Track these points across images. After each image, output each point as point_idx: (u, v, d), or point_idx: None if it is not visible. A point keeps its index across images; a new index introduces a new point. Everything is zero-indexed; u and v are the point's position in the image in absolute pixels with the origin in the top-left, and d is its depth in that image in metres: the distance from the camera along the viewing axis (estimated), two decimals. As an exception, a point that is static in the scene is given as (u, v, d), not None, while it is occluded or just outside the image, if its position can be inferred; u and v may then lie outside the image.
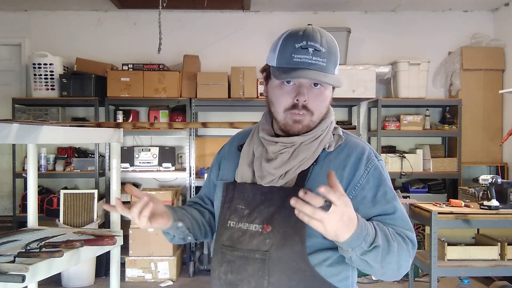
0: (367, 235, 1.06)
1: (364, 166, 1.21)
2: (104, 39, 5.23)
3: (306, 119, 1.20)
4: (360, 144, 1.26)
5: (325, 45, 1.19)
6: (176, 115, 4.91)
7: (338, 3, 5.02)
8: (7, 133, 1.55)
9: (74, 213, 4.29)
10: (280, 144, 1.22)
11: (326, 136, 1.24)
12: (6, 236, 2.05)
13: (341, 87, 1.24)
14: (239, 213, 1.24)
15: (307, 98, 1.18)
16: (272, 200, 1.20)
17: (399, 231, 1.18)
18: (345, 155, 1.22)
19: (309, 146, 1.21)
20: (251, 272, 1.18)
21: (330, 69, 1.19)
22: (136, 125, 4.29)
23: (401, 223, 1.20)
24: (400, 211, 1.22)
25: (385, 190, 1.22)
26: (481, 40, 5.08)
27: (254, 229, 1.20)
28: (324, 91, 1.21)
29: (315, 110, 1.20)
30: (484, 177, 3.28)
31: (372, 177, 1.21)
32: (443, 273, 3.36)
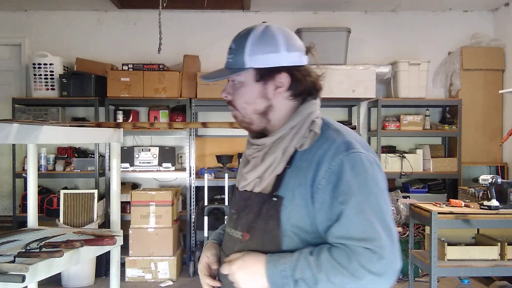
0: (283, 272, 1.05)
1: (328, 163, 1.09)
2: (104, 39, 5.23)
3: (238, 115, 1.21)
4: (332, 136, 1.14)
5: (237, 41, 1.19)
6: (176, 115, 4.91)
7: (338, 3, 5.02)
8: (7, 133, 1.55)
9: (74, 213, 4.29)
10: (254, 147, 1.21)
11: (298, 134, 1.15)
12: (6, 236, 2.05)
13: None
14: (231, 217, 1.26)
15: (227, 94, 1.21)
16: (252, 207, 1.17)
17: (349, 244, 1.03)
18: (314, 153, 1.12)
19: (275, 148, 1.16)
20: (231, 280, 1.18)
21: (236, 62, 1.17)
22: (136, 125, 4.29)
23: (354, 231, 1.04)
24: (348, 217, 1.04)
25: (340, 190, 1.06)
26: (481, 40, 5.08)
27: (236, 235, 1.20)
28: (241, 86, 1.18)
29: (237, 105, 1.20)
30: (484, 177, 3.28)
31: (334, 176, 1.07)
32: (443, 273, 3.36)
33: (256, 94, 1.17)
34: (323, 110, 1.23)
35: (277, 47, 1.15)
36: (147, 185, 5.16)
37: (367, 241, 1.03)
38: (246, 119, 1.20)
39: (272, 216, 1.12)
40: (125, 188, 4.80)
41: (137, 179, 5.17)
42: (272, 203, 1.12)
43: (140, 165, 4.80)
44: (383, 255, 1.02)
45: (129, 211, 4.56)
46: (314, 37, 4.83)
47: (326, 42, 4.83)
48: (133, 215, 4.43)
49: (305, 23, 5.09)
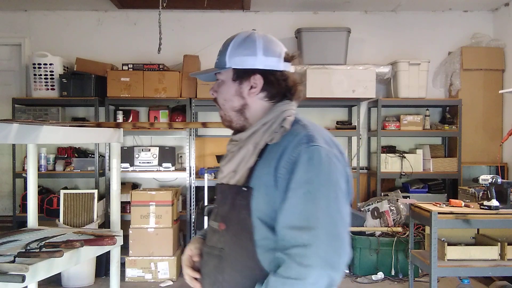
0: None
1: (289, 154, 1.16)
2: (104, 39, 5.23)
3: (221, 114, 1.33)
4: (296, 131, 1.21)
5: (224, 44, 1.32)
6: (176, 115, 4.91)
7: (338, 3, 5.02)
8: (7, 133, 1.55)
9: (74, 213, 4.29)
10: (232, 142, 1.32)
11: (268, 131, 1.23)
12: (6, 236, 2.05)
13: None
14: (214, 211, 1.34)
15: (214, 93, 1.33)
16: (227, 198, 1.25)
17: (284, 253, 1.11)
18: (279, 146, 1.19)
19: (247, 142, 1.25)
20: (211, 267, 1.27)
21: (220, 63, 1.29)
22: (136, 125, 4.28)
23: (295, 219, 1.11)
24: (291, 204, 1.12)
25: (296, 179, 1.13)
26: (481, 40, 5.08)
27: (215, 226, 1.29)
28: (223, 84, 1.31)
29: (219, 100, 1.32)
30: (484, 177, 3.28)
31: (290, 166, 1.15)
32: (443, 273, 3.36)
33: (233, 92, 1.28)
34: (323, 110, 1.27)
35: (255, 51, 1.26)
36: (147, 185, 5.16)
37: (303, 230, 1.09)
38: (226, 117, 1.31)
39: (244, 206, 1.19)
40: (125, 188, 4.80)
41: (137, 179, 5.17)
42: (243, 193, 1.20)
43: (140, 165, 4.80)
44: (318, 246, 1.07)
45: (129, 211, 4.56)
46: (314, 37, 4.83)
47: (326, 42, 4.83)
48: (133, 215, 4.43)
49: (305, 23, 5.09)
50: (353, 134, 4.94)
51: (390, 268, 4.38)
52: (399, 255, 4.38)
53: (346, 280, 4.39)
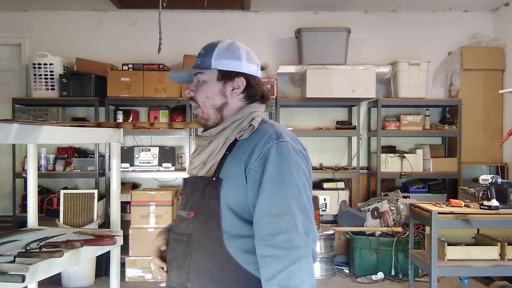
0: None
1: (260, 149, 1.27)
2: (104, 39, 5.23)
3: (199, 112, 1.41)
4: (266, 129, 1.33)
5: (206, 48, 1.41)
6: (176, 115, 4.91)
7: (338, 3, 5.02)
8: (7, 133, 1.55)
9: (74, 213, 4.29)
10: (203, 138, 1.42)
11: (237, 128, 1.35)
12: (6, 236, 2.05)
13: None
14: (181, 202, 1.43)
15: (190, 91, 1.41)
16: (197, 189, 1.35)
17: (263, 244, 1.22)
18: (249, 141, 1.31)
19: (218, 137, 1.36)
20: (179, 252, 1.36)
21: (204, 63, 1.39)
22: (136, 125, 4.28)
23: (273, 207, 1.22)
24: (261, 211, 1.23)
25: (269, 171, 1.24)
26: (481, 40, 5.08)
27: (184, 215, 1.38)
28: (204, 83, 1.39)
29: (198, 100, 1.40)
30: (484, 177, 3.28)
31: (263, 159, 1.26)
32: (443, 273, 3.36)
33: (216, 91, 1.39)
34: (323, 110, 1.30)
35: (240, 57, 1.39)
36: (147, 185, 5.16)
37: (282, 216, 1.21)
38: (204, 114, 1.40)
39: (213, 196, 1.30)
40: (125, 188, 4.80)
41: (137, 179, 5.17)
42: (213, 184, 1.30)
43: (140, 165, 4.80)
44: (297, 228, 1.20)
45: (129, 211, 4.56)
46: (314, 37, 4.83)
47: (326, 42, 4.83)
48: (133, 215, 4.43)
49: (305, 23, 5.09)
50: (353, 134, 4.94)
51: (390, 268, 4.38)
52: (399, 255, 4.38)
53: (346, 280, 4.39)
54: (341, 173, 4.96)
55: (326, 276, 4.47)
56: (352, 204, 5.03)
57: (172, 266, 1.38)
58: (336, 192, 4.89)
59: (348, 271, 4.61)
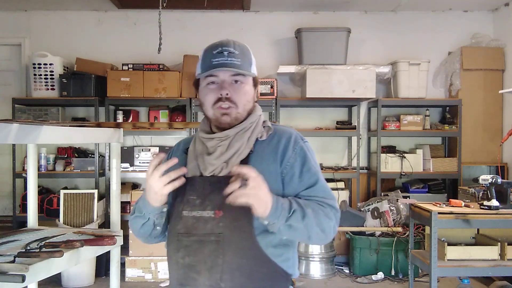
0: (283, 204, 1.29)
1: (292, 147, 1.41)
2: (104, 39, 5.23)
3: (233, 111, 1.40)
4: (287, 130, 1.47)
5: (238, 48, 1.42)
6: (176, 115, 4.91)
7: (338, 3, 5.02)
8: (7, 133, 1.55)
9: (74, 213, 4.29)
10: (216, 139, 1.41)
11: (257, 128, 1.43)
12: (6, 236, 2.05)
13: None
14: (191, 203, 1.38)
15: (230, 91, 1.39)
16: (221, 189, 1.31)
17: (319, 201, 1.37)
18: (276, 141, 1.42)
19: (242, 136, 1.40)
20: (207, 253, 1.33)
21: (245, 67, 1.41)
22: (136, 125, 4.28)
23: (322, 193, 1.39)
24: (320, 183, 1.41)
25: (309, 166, 1.40)
26: (481, 40, 5.08)
27: (207, 215, 1.35)
28: (244, 86, 1.42)
29: (238, 102, 1.40)
30: (484, 177, 3.28)
31: (299, 157, 1.41)
32: (443, 273, 3.36)
33: (252, 96, 1.45)
34: (323, 110, 1.33)
35: (254, 62, 1.48)
36: (147, 185, 5.15)
37: (330, 199, 1.40)
38: (239, 115, 1.41)
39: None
40: (125, 188, 4.80)
41: (137, 179, 5.16)
42: (243, 181, 1.29)
43: (140, 165, 4.80)
44: (338, 210, 1.41)
45: (129, 211, 4.55)
46: (314, 37, 4.83)
47: (326, 42, 4.83)
48: (133, 215, 4.42)
49: (305, 23, 5.09)
50: (353, 134, 4.94)
51: (390, 268, 4.38)
52: (399, 255, 4.38)
53: (346, 280, 4.39)
54: (341, 173, 4.96)
55: (326, 276, 4.47)
56: (352, 204, 5.03)
57: (200, 269, 1.34)
58: (336, 192, 4.89)
59: (348, 271, 4.61)
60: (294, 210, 1.30)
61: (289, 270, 1.40)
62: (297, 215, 1.30)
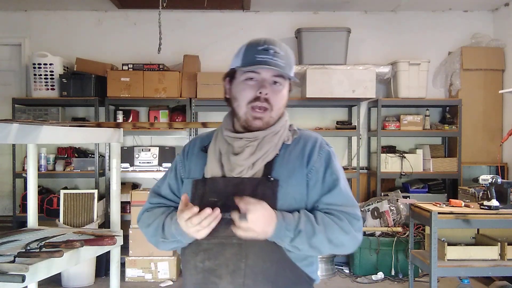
0: (288, 225, 1.25)
1: (318, 152, 1.39)
2: (104, 39, 5.23)
3: (266, 116, 1.36)
4: (312, 135, 1.45)
5: (284, 50, 1.38)
6: (176, 115, 4.91)
7: (338, 3, 5.02)
8: (7, 133, 1.55)
9: (74, 213, 4.29)
10: (245, 139, 1.36)
11: (285, 132, 1.41)
12: (6, 236, 2.06)
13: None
14: (213, 205, 1.30)
15: (269, 92, 1.34)
16: (244, 190, 1.30)
17: (338, 209, 1.33)
18: (302, 145, 1.40)
19: (271, 139, 1.37)
20: (228, 256, 1.29)
21: (288, 70, 1.36)
22: (136, 125, 4.28)
23: (341, 199, 1.35)
24: (340, 188, 1.36)
25: (332, 171, 1.38)
26: (481, 40, 5.08)
27: (229, 217, 1.26)
28: (283, 90, 1.38)
29: (275, 105, 1.36)
30: (484, 177, 3.28)
31: (324, 161, 1.38)
32: (443, 273, 3.37)
33: (286, 101, 1.41)
34: (323, 110, 1.33)
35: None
36: (147, 185, 5.16)
37: (350, 206, 1.35)
38: (271, 119, 1.37)
39: (268, 196, 1.30)
40: (125, 188, 4.79)
41: (137, 179, 5.16)
42: (268, 184, 1.32)
43: (140, 165, 4.80)
44: (359, 217, 1.36)
45: (129, 211, 4.56)
46: (314, 37, 4.84)
47: (326, 42, 4.83)
48: (133, 215, 4.43)
49: (305, 23, 5.09)
50: (353, 134, 4.94)
51: (390, 268, 4.38)
52: (399, 255, 4.38)
53: (346, 280, 4.39)
54: (341, 173, 4.95)
55: (326, 276, 4.47)
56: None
57: (221, 273, 1.30)
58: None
59: (348, 271, 4.61)
60: (300, 231, 1.26)
61: (313, 275, 1.38)
62: (302, 236, 1.26)
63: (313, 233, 1.26)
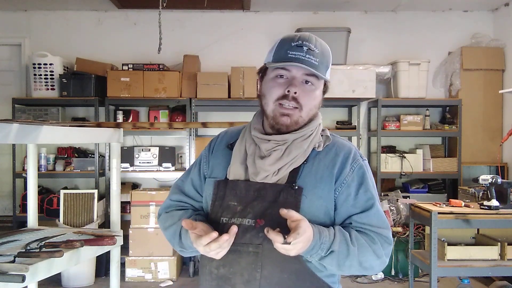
0: (323, 244, 1.18)
1: (350, 165, 1.29)
2: (104, 39, 5.23)
3: (295, 114, 1.26)
4: (346, 145, 1.35)
5: (319, 47, 1.28)
6: (176, 115, 4.91)
7: (338, 3, 5.02)
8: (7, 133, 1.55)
9: (74, 213, 4.29)
10: (273, 142, 1.28)
11: (316, 136, 1.31)
12: (6, 236, 2.05)
13: (328, 91, 1.34)
14: (232, 209, 1.27)
15: (298, 91, 1.25)
16: (265, 196, 1.25)
17: (373, 230, 1.26)
18: (334, 155, 1.30)
19: (301, 144, 1.28)
20: (244, 265, 1.23)
21: (321, 69, 1.27)
22: (136, 125, 4.28)
23: (376, 221, 1.27)
24: (376, 209, 1.28)
25: (366, 188, 1.29)
26: (481, 40, 5.08)
27: (247, 223, 1.24)
28: (315, 90, 1.29)
29: (305, 105, 1.26)
30: (484, 177, 3.28)
31: (356, 176, 1.29)
32: (443, 273, 3.37)
33: (318, 102, 1.32)
34: (323, 110, 1.35)
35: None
36: (147, 185, 5.16)
37: (385, 229, 1.28)
38: (301, 120, 1.28)
39: (291, 204, 1.22)
40: (125, 188, 4.80)
41: (137, 179, 5.17)
42: (291, 192, 1.24)
43: (140, 165, 4.80)
44: (391, 241, 1.30)
45: (129, 211, 4.56)
46: (314, 37, 4.83)
47: (326, 42, 4.81)
48: (133, 215, 4.43)
49: (305, 23, 5.09)
50: (353, 134, 4.94)
51: (390, 268, 4.38)
52: (399, 255, 4.38)
53: (346, 280, 4.39)
54: (341, 173, 4.95)
55: (326, 276, 4.46)
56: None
57: (235, 282, 1.24)
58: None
59: (348, 271, 4.60)
60: (333, 251, 1.19)
61: (335, 285, 1.30)
62: (333, 257, 1.20)
63: (347, 254, 1.20)
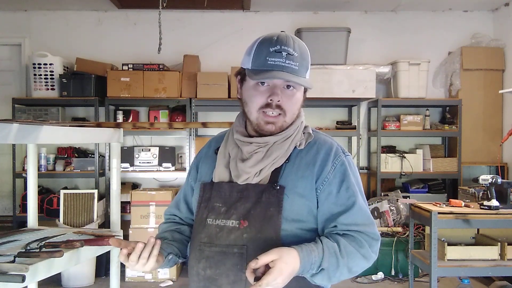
0: (313, 264, 1.17)
1: (332, 162, 1.29)
2: (104, 39, 5.23)
3: (279, 120, 1.28)
4: (328, 141, 1.34)
5: (298, 50, 1.27)
6: (176, 115, 4.91)
7: (338, 3, 5.02)
8: (7, 133, 1.54)
9: (74, 213, 4.29)
10: (254, 144, 1.30)
11: (297, 135, 1.32)
12: (6, 236, 2.05)
13: (312, 89, 1.35)
14: (217, 210, 1.30)
15: (281, 98, 1.26)
16: (248, 197, 1.26)
17: (359, 230, 1.25)
18: (315, 152, 1.31)
19: (282, 145, 1.29)
20: (229, 266, 1.24)
21: (302, 72, 1.27)
22: (136, 125, 4.28)
23: (361, 218, 1.27)
24: (358, 206, 1.27)
25: (348, 185, 1.28)
26: (481, 40, 5.08)
27: (231, 224, 1.25)
28: (296, 93, 1.30)
29: (288, 111, 1.28)
30: (484, 177, 3.28)
31: (338, 173, 1.29)
32: (443, 273, 3.36)
33: (300, 104, 1.34)
34: (323, 110, 1.31)
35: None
36: (147, 185, 5.16)
37: (370, 225, 1.28)
38: (285, 124, 1.29)
39: (273, 204, 1.24)
40: (125, 188, 4.80)
41: (137, 179, 5.17)
42: (273, 192, 1.25)
43: (140, 165, 4.80)
44: (378, 237, 1.30)
45: (129, 211, 4.56)
46: (314, 37, 4.83)
47: (326, 42, 4.83)
48: (133, 215, 4.43)
49: (305, 23, 5.09)
50: (353, 134, 4.94)
51: (390, 268, 4.38)
52: (399, 255, 4.38)
53: (346, 280, 4.39)
54: (341, 173, 4.95)
55: (326, 276, 4.46)
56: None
57: (221, 283, 1.25)
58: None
59: (348, 271, 4.60)
60: (323, 269, 1.18)
61: (323, 284, 1.28)
62: (323, 274, 1.19)
63: (336, 266, 1.20)
